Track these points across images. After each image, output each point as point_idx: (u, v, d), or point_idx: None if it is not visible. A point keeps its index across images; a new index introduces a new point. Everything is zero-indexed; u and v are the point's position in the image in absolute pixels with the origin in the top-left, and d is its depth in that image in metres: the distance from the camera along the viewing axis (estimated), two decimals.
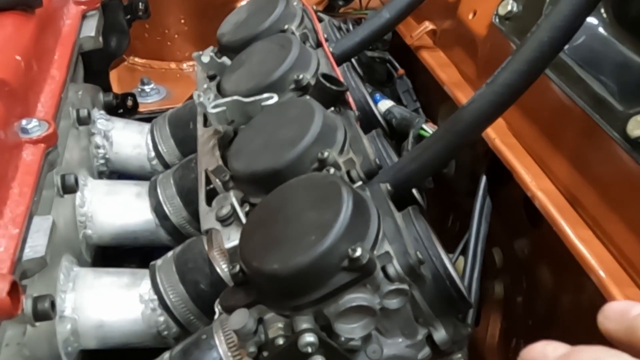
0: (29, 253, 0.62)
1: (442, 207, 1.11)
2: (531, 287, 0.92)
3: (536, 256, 0.88)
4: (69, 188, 0.80)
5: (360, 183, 0.66)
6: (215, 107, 0.77)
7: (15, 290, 0.46)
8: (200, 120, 0.88)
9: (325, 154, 0.66)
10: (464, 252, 0.84)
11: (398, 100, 1.13)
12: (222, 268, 0.75)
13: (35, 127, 0.74)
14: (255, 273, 0.58)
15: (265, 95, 0.77)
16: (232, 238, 0.67)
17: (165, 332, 0.77)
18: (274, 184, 0.65)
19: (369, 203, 0.60)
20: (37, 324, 0.64)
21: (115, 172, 1.06)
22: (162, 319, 0.76)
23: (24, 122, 0.74)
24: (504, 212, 0.89)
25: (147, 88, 1.33)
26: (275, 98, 0.77)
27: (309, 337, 0.55)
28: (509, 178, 0.85)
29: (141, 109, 1.28)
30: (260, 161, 0.69)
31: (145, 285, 0.78)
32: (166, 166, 1.03)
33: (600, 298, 0.66)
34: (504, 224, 0.91)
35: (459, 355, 0.66)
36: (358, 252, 0.54)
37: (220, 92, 0.86)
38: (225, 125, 0.81)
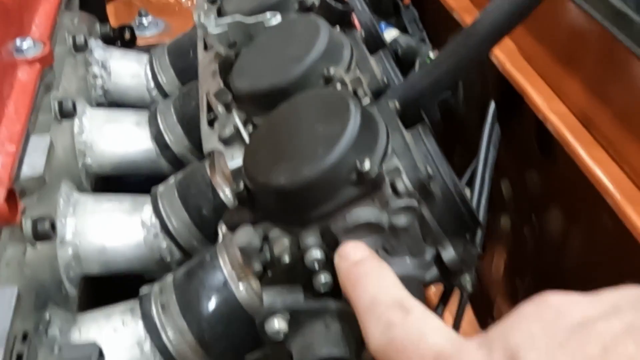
0: (27, 171, 0.60)
1: (449, 142, 1.09)
2: (540, 219, 0.91)
3: (546, 187, 0.87)
4: (67, 113, 0.78)
5: (367, 101, 0.63)
6: (216, 27, 0.74)
7: (12, 199, 0.44)
8: (200, 45, 0.85)
9: (332, 70, 0.64)
10: (471, 182, 0.83)
11: (404, 31, 1.09)
12: (226, 193, 0.73)
13: (30, 47, 0.72)
14: (261, 188, 0.56)
15: (269, 14, 0.74)
16: (235, 158, 0.65)
17: (168, 258, 0.76)
18: (279, 103, 0.63)
19: (377, 118, 0.58)
20: (38, 245, 0.63)
21: (114, 104, 1.03)
22: (164, 244, 0.75)
23: (18, 41, 0.72)
24: (513, 143, 0.87)
25: (145, 21, 1.29)
26: (278, 17, 0.74)
27: (316, 253, 0.54)
28: (519, 106, 0.83)
29: (139, 42, 1.25)
30: (265, 79, 0.66)
31: (147, 210, 0.76)
32: (166, 97, 1.01)
33: (613, 224, 0.65)
34: (513, 154, 0.89)
35: (467, 277, 0.65)
36: (367, 165, 0.52)
37: (222, 15, 0.83)
38: (226, 48, 0.78)
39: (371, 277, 0.48)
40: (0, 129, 0.61)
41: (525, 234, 0.95)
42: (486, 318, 1.10)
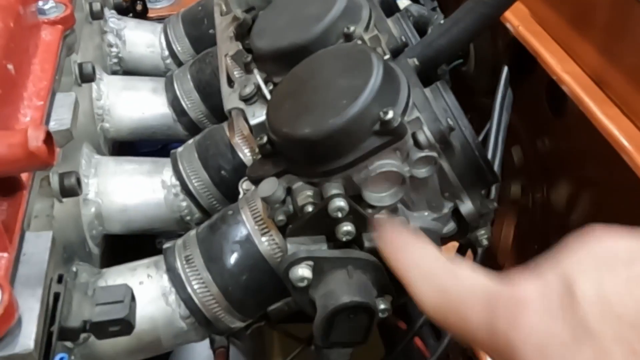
0: (55, 126, 0.62)
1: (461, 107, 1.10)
2: (550, 184, 0.92)
3: (558, 151, 0.88)
4: (87, 76, 0.79)
5: (387, 58, 0.65)
6: None
7: (50, 141, 0.46)
8: (217, 9, 0.86)
9: (352, 28, 0.65)
10: (484, 144, 0.84)
11: (415, 1, 1.10)
12: (245, 153, 0.75)
13: (52, 8, 0.73)
14: (286, 139, 0.57)
15: None
16: (257, 115, 0.66)
17: (188, 218, 0.77)
18: (299, 61, 0.64)
19: (398, 72, 0.60)
20: (64, 201, 0.64)
21: (129, 73, 1.05)
22: (184, 204, 0.77)
23: (40, 2, 0.73)
24: (524, 107, 0.88)
25: None
26: None
27: (339, 202, 0.55)
28: (531, 70, 0.84)
29: (150, 14, 1.26)
30: (285, 38, 0.67)
31: (167, 172, 0.78)
32: (180, 66, 1.02)
33: (628, 182, 0.66)
34: (525, 119, 0.90)
35: (483, 231, 0.67)
36: (390, 115, 0.53)
37: None
38: (243, 12, 0.79)
39: (415, 247, 0.50)
40: (27, 85, 0.62)
41: (535, 200, 0.97)
42: None
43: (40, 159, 0.45)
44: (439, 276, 0.45)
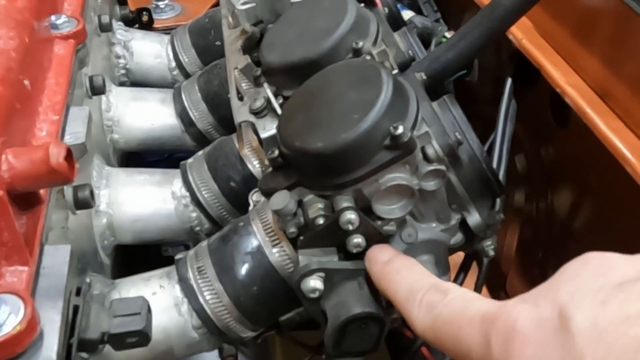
0: (70, 140, 0.63)
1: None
2: (553, 193, 0.93)
3: (561, 160, 0.89)
4: (97, 89, 0.80)
5: (395, 72, 0.66)
6: (244, 3, 0.76)
7: (70, 158, 0.47)
8: (225, 22, 0.87)
9: (360, 43, 0.66)
10: (489, 154, 0.85)
11: (419, 13, 1.12)
12: (254, 164, 0.76)
13: (64, 23, 0.74)
14: (298, 153, 0.58)
15: None
16: (267, 128, 0.67)
17: (198, 228, 0.78)
18: (309, 75, 0.65)
19: (407, 87, 0.61)
20: (78, 212, 0.65)
21: (136, 84, 1.06)
22: (194, 215, 0.78)
23: (53, 17, 0.74)
24: (528, 117, 0.89)
25: (161, 4, 1.31)
26: None
27: (350, 215, 0.56)
28: (535, 81, 0.85)
29: (156, 25, 1.27)
30: (295, 52, 0.68)
31: (177, 183, 0.79)
32: (187, 77, 1.03)
33: (630, 193, 0.67)
34: (529, 128, 0.92)
35: (489, 242, 0.68)
36: (400, 130, 0.55)
37: None
38: (252, 26, 0.80)
39: (403, 272, 0.52)
40: (42, 99, 0.64)
41: (538, 208, 0.98)
42: (499, 293, 1.13)
43: (62, 175, 0.46)
44: (431, 299, 0.45)
